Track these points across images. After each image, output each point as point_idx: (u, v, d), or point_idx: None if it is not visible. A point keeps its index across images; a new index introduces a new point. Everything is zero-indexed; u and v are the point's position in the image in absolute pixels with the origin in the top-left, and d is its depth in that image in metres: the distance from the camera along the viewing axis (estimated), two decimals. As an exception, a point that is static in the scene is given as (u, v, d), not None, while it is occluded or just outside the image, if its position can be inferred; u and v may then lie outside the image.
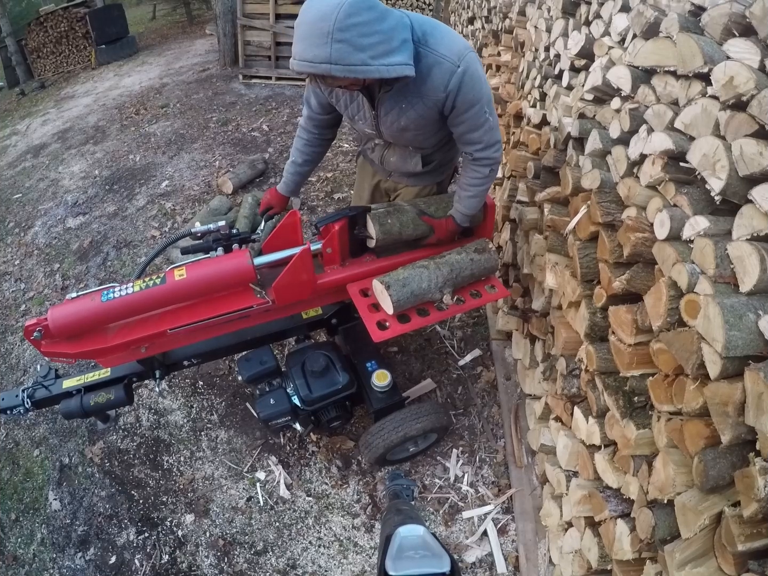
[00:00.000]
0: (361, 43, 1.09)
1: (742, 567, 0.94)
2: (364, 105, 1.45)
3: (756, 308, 0.91)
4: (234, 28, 6.05)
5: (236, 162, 4.30)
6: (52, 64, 9.21)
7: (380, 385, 1.78)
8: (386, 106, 1.41)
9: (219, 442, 2.26)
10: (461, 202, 1.63)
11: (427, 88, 1.32)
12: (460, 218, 1.66)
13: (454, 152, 1.78)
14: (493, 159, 1.51)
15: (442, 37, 1.28)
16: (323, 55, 1.08)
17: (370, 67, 1.12)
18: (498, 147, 1.50)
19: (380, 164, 1.77)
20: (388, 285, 1.51)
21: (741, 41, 1.07)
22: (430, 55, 1.26)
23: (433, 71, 1.28)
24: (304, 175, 1.82)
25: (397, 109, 1.39)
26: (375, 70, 1.13)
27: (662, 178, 1.17)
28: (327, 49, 1.07)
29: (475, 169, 1.54)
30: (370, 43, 1.10)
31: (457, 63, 1.27)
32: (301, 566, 1.87)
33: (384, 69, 1.14)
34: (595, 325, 1.39)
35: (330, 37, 1.06)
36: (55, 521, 2.12)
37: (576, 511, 1.48)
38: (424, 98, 1.35)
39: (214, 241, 1.59)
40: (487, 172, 1.53)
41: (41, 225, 3.99)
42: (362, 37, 1.08)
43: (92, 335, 1.47)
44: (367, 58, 1.10)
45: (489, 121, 1.42)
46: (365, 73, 1.12)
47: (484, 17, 3.92)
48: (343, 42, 1.07)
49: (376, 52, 1.12)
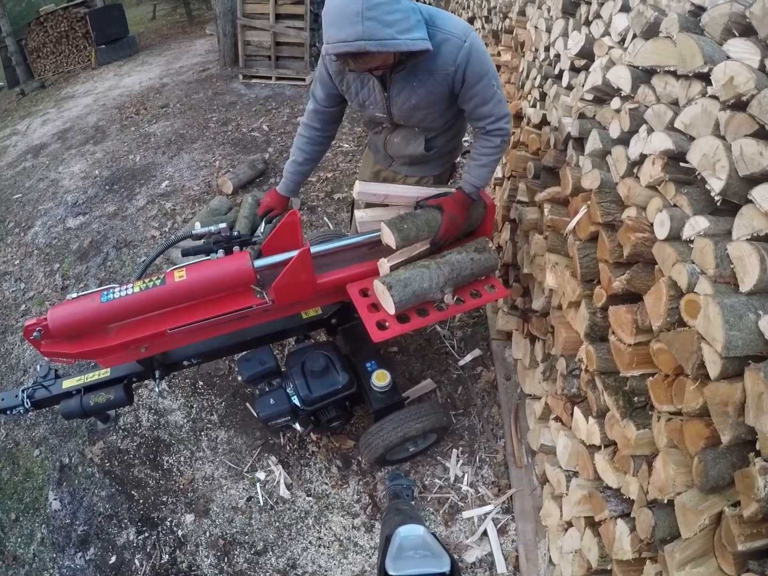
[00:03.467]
0: (388, 20, 1.18)
1: (742, 567, 0.94)
2: (375, 89, 1.51)
3: (756, 308, 0.91)
4: (234, 28, 6.05)
5: (236, 162, 4.30)
6: (52, 64, 9.20)
7: (380, 385, 1.78)
8: (398, 87, 1.47)
9: (219, 442, 2.26)
10: (471, 172, 1.63)
11: (437, 65, 1.40)
12: (469, 189, 1.63)
13: (455, 143, 1.81)
14: (504, 130, 1.56)
15: (446, 18, 1.39)
16: (357, 33, 1.16)
17: (399, 41, 1.21)
18: (508, 119, 1.56)
19: (383, 148, 1.79)
20: (390, 285, 1.51)
21: (741, 41, 1.07)
22: (438, 33, 1.35)
23: (442, 48, 1.37)
24: (304, 174, 1.83)
25: (408, 88, 1.46)
26: (403, 43, 1.22)
27: (662, 178, 1.17)
28: (359, 27, 1.16)
29: (487, 139, 1.58)
30: (395, 20, 1.19)
31: (463, 38, 1.37)
32: (301, 566, 1.87)
33: (411, 42, 1.23)
34: (595, 325, 1.39)
35: (360, 16, 1.15)
36: (55, 521, 2.12)
37: (576, 511, 1.48)
38: (435, 74, 1.42)
39: (214, 243, 1.59)
40: (498, 142, 1.58)
41: (41, 225, 3.99)
42: (388, 14, 1.18)
43: (92, 335, 1.47)
44: (394, 33, 1.20)
45: (498, 94, 1.49)
46: (396, 47, 1.21)
47: (484, 17, 3.92)
48: (372, 19, 1.16)
49: (401, 28, 1.21)
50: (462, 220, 1.66)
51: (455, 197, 1.65)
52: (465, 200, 1.65)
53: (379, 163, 1.91)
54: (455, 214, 1.63)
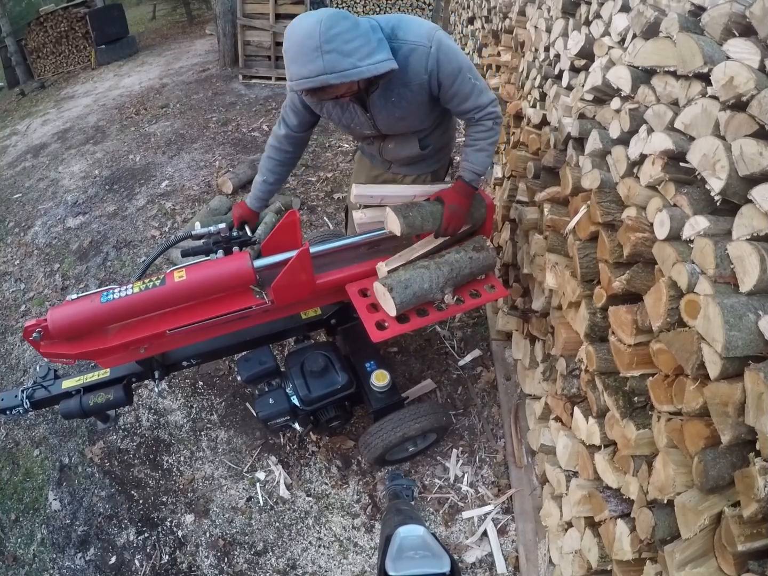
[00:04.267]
0: (347, 49, 1.18)
1: (742, 567, 0.94)
2: (356, 111, 1.53)
3: (756, 308, 0.91)
4: (234, 28, 6.05)
5: (236, 162, 4.30)
6: (52, 64, 9.21)
7: (379, 385, 1.78)
8: (377, 105, 1.48)
9: (219, 442, 2.26)
10: (469, 158, 1.60)
11: (409, 77, 1.40)
12: (470, 176, 1.60)
13: (448, 137, 1.84)
14: (493, 113, 1.56)
15: (408, 27, 1.37)
16: (317, 68, 1.17)
17: (361, 68, 1.21)
18: (494, 103, 1.55)
19: (379, 155, 1.80)
20: (391, 287, 1.50)
21: (741, 41, 1.06)
22: (403, 46, 1.35)
23: (410, 59, 1.37)
24: (273, 192, 1.84)
25: (389, 104, 1.47)
26: (366, 70, 1.22)
27: (662, 178, 1.17)
28: (319, 61, 1.17)
29: (479, 124, 1.57)
30: (355, 47, 1.20)
31: (429, 44, 1.36)
32: (301, 566, 1.87)
33: (373, 68, 1.23)
34: (595, 325, 1.39)
35: (320, 51, 1.16)
36: (55, 521, 2.12)
37: (576, 511, 1.48)
38: (410, 85, 1.43)
39: (214, 243, 1.59)
40: (490, 124, 1.57)
41: (41, 225, 3.99)
42: (346, 43, 1.18)
43: (91, 336, 1.47)
44: (355, 61, 1.20)
45: (476, 86, 1.48)
46: (358, 75, 1.21)
47: (484, 17, 3.92)
48: (331, 52, 1.16)
49: (362, 54, 1.21)
50: (464, 209, 1.62)
51: (455, 187, 1.62)
52: (466, 189, 1.61)
53: (377, 168, 1.92)
54: (456, 204, 1.59)
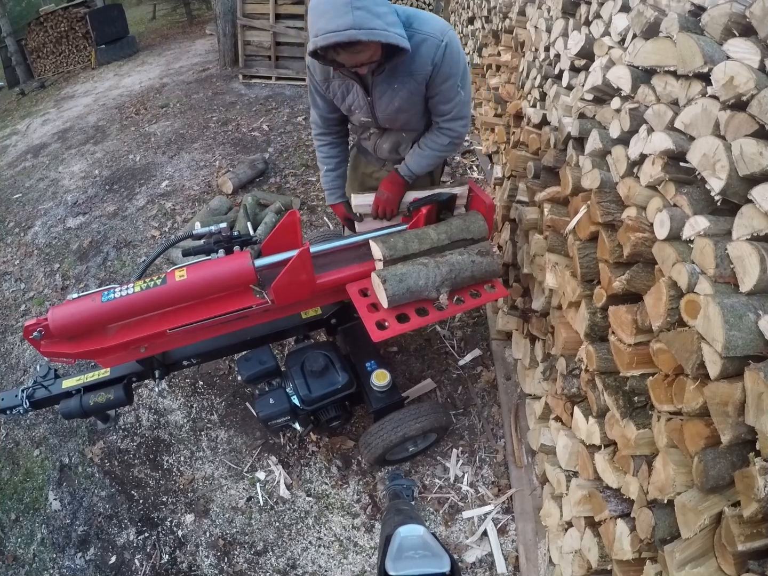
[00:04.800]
0: (377, 11, 1.20)
1: (742, 567, 0.94)
2: (358, 93, 1.53)
3: (756, 308, 0.91)
4: (234, 28, 6.05)
5: (236, 162, 4.30)
6: (52, 64, 9.20)
7: (380, 385, 1.78)
8: (379, 90, 1.49)
9: (219, 442, 2.26)
10: (412, 158, 1.69)
11: (416, 65, 1.41)
12: (404, 171, 1.71)
13: None
14: (456, 132, 1.61)
15: (424, 19, 1.40)
16: (347, 23, 1.17)
17: (389, 33, 1.22)
18: (465, 123, 1.59)
19: (374, 152, 1.83)
20: (385, 279, 1.51)
21: (741, 41, 1.07)
22: (416, 34, 1.37)
23: (420, 48, 1.38)
24: (342, 176, 1.88)
25: (390, 90, 1.48)
26: (393, 35, 1.23)
27: (662, 178, 1.17)
28: (349, 16, 1.16)
29: (438, 134, 1.63)
30: (383, 12, 1.22)
31: (441, 38, 1.38)
32: (301, 566, 1.87)
33: (399, 37, 1.24)
34: (595, 325, 1.39)
35: (350, 6, 1.16)
36: (55, 521, 2.12)
37: (576, 511, 1.48)
38: (414, 75, 1.44)
39: (215, 243, 1.59)
40: (446, 142, 1.63)
41: (41, 225, 3.99)
42: (376, 5, 1.20)
43: (92, 335, 1.47)
44: (383, 24, 1.21)
45: (460, 95, 1.52)
46: (386, 37, 1.21)
47: (484, 17, 3.92)
48: (362, 9, 1.17)
49: (388, 21, 1.23)
50: (394, 196, 1.74)
51: (389, 177, 1.73)
52: (397, 179, 1.72)
53: (372, 164, 1.95)
54: (385, 190, 1.73)
